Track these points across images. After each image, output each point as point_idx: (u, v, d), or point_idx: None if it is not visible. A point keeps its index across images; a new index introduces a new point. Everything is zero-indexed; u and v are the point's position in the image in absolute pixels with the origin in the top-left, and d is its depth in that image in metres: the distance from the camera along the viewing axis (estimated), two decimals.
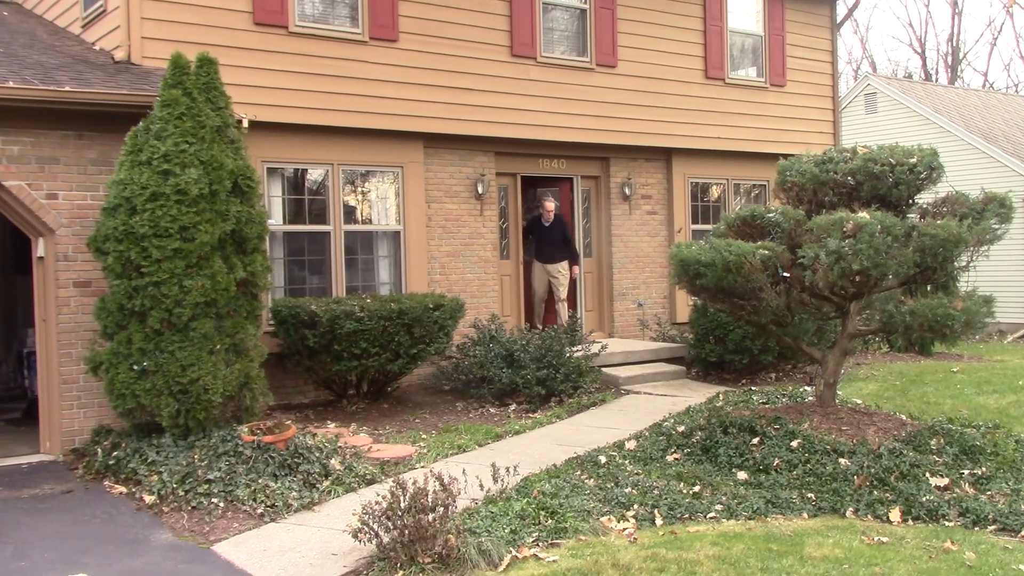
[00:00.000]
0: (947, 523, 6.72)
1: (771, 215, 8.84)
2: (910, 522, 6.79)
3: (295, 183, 11.51)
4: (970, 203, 8.59)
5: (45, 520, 7.01)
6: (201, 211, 8.01)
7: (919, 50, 56.39)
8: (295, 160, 11.27)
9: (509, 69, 12.70)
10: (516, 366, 10.95)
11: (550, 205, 13.49)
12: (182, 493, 7.26)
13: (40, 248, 8.94)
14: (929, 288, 8.62)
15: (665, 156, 14.70)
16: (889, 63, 56.11)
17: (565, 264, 13.56)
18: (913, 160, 8.60)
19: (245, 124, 9.34)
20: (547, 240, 13.51)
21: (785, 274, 8.38)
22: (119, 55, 10.03)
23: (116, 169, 8.33)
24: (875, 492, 7.20)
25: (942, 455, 7.81)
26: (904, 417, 9.26)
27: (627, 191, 14.23)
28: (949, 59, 45.06)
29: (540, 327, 12.46)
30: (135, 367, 7.99)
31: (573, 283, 13.93)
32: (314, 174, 11.58)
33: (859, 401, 10.35)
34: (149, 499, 7.29)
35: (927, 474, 7.43)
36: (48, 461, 8.80)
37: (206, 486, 7.29)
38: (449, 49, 12.13)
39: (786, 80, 15.77)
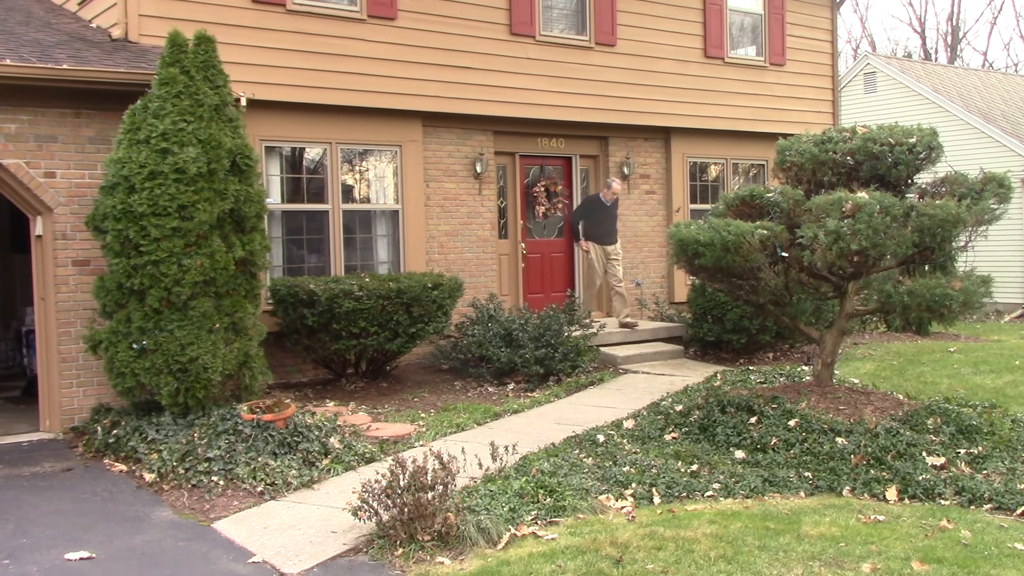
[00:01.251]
0: (943, 502, 6.76)
1: (770, 195, 8.83)
2: (906, 501, 6.82)
3: (293, 162, 11.49)
4: (969, 183, 8.58)
5: (46, 498, 7.04)
6: (199, 190, 8.00)
7: (919, 29, 56.17)
8: (293, 139, 11.24)
9: (508, 48, 12.66)
10: (514, 345, 10.97)
11: (617, 186, 13.14)
12: (182, 471, 7.29)
13: (38, 227, 8.93)
14: (927, 268, 8.63)
15: (664, 135, 14.67)
16: (889, 42, 55.96)
17: (619, 245, 13.30)
18: (912, 140, 8.59)
19: (243, 102, 9.32)
20: (608, 220, 13.08)
21: (784, 254, 8.38)
22: (116, 33, 9.99)
23: (114, 147, 8.31)
24: (872, 471, 7.23)
25: (939, 434, 7.84)
26: (901, 397, 9.29)
27: (626, 170, 14.21)
28: (949, 38, 44.93)
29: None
30: (134, 346, 8.00)
31: (572, 262, 13.95)
32: (312, 153, 11.56)
33: (856, 380, 10.38)
34: (149, 477, 7.32)
35: (924, 453, 7.46)
36: (48, 439, 8.82)
37: (206, 464, 7.32)
38: (448, 27, 12.08)
39: (786, 59, 15.72)
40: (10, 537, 6.21)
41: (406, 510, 5.80)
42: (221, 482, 7.14)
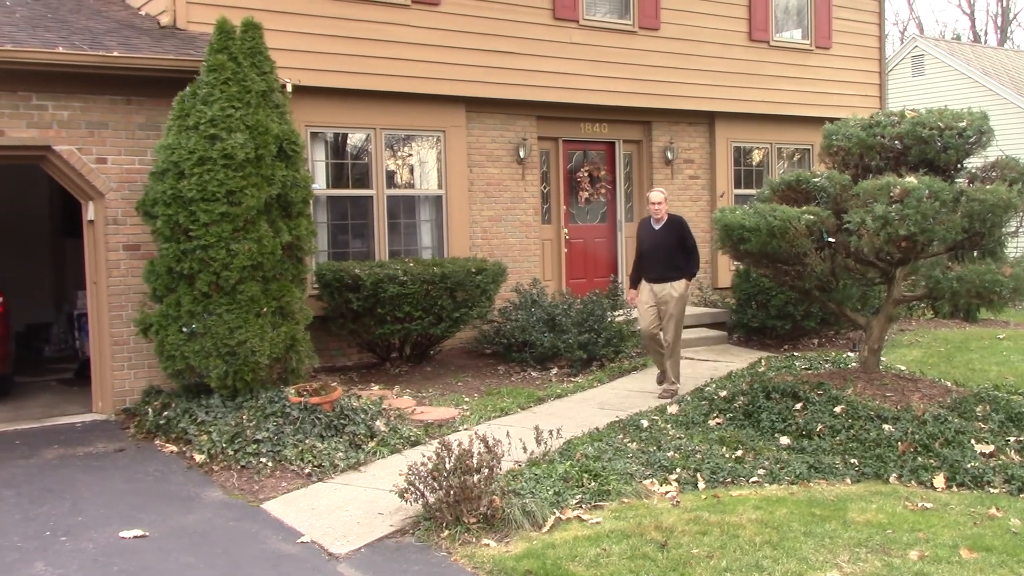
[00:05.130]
0: (992, 490, 6.69)
1: (817, 180, 8.75)
2: (954, 488, 6.75)
3: (338, 148, 11.57)
4: (1020, 168, 8.44)
5: (99, 477, 7.19)
6: (247, 175, 8.10)
7: (967, 11, 55.27)
8: (338, 124, 11.32)
9: (551, 32, 12.63)
10: (557, 330, 10.99)
11: (657, 197, 9.68)
12: (231, 452, 7.40)
13: (90, 212, 9.09)
14: (976, 254, 8.52)
15: (708, 120, 14.57)
16: (937, 24, 55.09)
17: (682, 283, 9.52)
18: (962, 124, 8.47)
19: (289, 89, 9.40)
20: (656, 248, 9.49)
21: (830, 239, 8.31)
22: (165, 20, 10.11)
23: (164, 134, 8.43)
24: (919, 458, 7.17)
25: (987, 422, 7.75)
26: (949, 384, 9.19)
27: (669, 155, 14.14)
28: (999, 20, 44.09)
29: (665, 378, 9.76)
30: (184, 329, 8.13)
31: (611, 250, 13.92)
32: (356, 138, 11.63)
33: (903, 367, 10.28)
34: (199, 458, 7.45)
35: (972, 441, 7.38)
36: (100, 420, 9.00)
37: (255, 446, 7.44)
38: (491, 12, 12.08)
39: (832, 42, 15.53)
40: (66, 515, 6.36)
41: (452, 493, 5.85)
42: (269, 464, 7.26)
